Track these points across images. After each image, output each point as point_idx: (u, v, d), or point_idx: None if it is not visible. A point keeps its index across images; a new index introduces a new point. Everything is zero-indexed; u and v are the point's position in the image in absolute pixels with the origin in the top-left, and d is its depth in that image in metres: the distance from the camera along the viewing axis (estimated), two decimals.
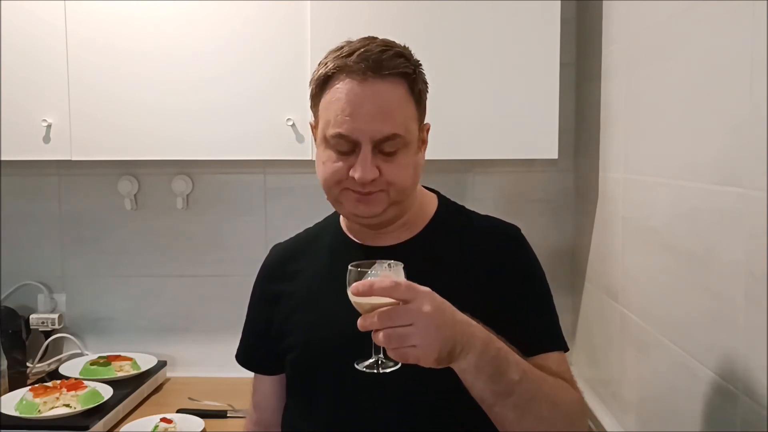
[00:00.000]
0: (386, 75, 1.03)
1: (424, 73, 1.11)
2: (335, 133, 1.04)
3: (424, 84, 1.11)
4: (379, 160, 1.05)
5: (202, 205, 2.18)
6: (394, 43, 1.09)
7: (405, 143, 1.06)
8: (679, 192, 1.25)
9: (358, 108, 1.03)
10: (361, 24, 1.76)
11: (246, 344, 1.29)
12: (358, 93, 1.03)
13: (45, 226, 2.21)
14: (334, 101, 1.04)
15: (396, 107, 1.05)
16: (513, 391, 0.96)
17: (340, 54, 1.05)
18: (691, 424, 1.20)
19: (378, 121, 1.03)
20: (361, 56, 1.03)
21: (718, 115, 1.11)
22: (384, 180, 1.05)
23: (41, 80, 1.84)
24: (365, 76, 1.02)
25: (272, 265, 1.26)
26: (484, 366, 0.94)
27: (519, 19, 1.75)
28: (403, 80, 1.06)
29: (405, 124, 1.05)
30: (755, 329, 0.97)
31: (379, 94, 1.03)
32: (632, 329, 1.53)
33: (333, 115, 1.04)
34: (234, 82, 1.82)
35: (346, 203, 1.09)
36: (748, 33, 1.00)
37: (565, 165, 2.09)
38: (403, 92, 1.06)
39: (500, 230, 1.19)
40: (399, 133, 1.04)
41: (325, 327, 1.13)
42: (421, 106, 1.10)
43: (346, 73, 1.03)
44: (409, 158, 1.07)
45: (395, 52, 1.06)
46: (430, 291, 0.90)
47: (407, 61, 1.07)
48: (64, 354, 2.21)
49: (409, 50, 1.10)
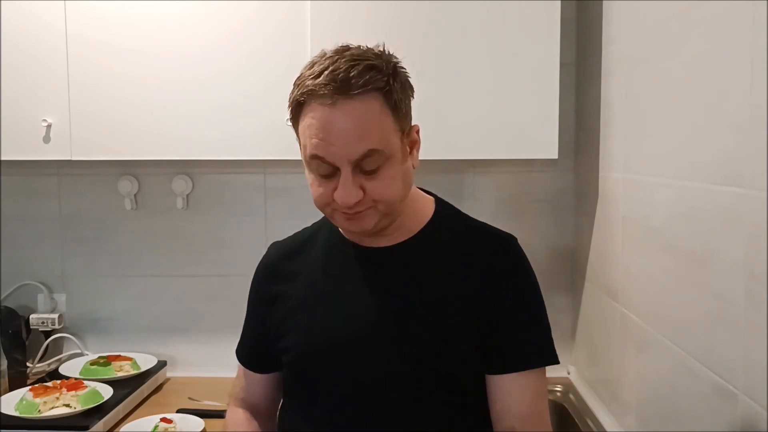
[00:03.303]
0: (356, 94, 1.00)
1: (403, 74, 1.07)
2: (313, 155, 1.03)
3: (402, 92, 1.06)
4: (362, 178, 1.03)
5: (202, 205, 2.18)
6: (365, 55, 1.04)
7: (386, 157, 1.03)
8: (679, 192, 1.25)
9: (330, 132, 1.01)
10: (361, 24, 1.78)
11: (245, 342, 1.30)
12: (329, 117, 1.00)
13: (45, 226, 2.21)
14: (307, 127, 1.03)
15: (370, 124, 1.01)
16: None
17: (311, 74, 1.03)
18: (691, 424, 1.20)
19: (352, 142, 1.00)
20: (328, 77, 1.00)
21: (718, 115, 1.11)
22: (369, 198, 1.04)
23: (41, 80, 1.84)
24: (334, 100, 1.00)
25: (269, 266, 1.26)
26: None
27: (519, 19, 1.75)
28: (377, 93, 1.02)
29: (382, 139, 1.02)
30: (755, 329, 0.97)
31: (350, 114, 1.00)
32: (632, 329, 1.53)
33: (309, 140, 1.03)
34: (234, 82, 1.82)
35: (338, 221, 1.10)
36: (748, 33, 1.00)
37: (565, 165, 2.09)
38: (376, 107, 1.02)
39: (496, 238, 1.17)
40: (376, 149, 1.01)
41: (322, 329, 1.13)
42: (401, 115, 1.06)
43: (316, 99, 1.01)
44: (393, 171, 1.05)
45: (365, 66, 1.01)
46: None
47: (379, 73, 1.02)
48: (64, 354, 2.21)
49: (384, 56, 1.06)
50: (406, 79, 1.08)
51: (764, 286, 0.95)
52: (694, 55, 1.21)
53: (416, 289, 1.11)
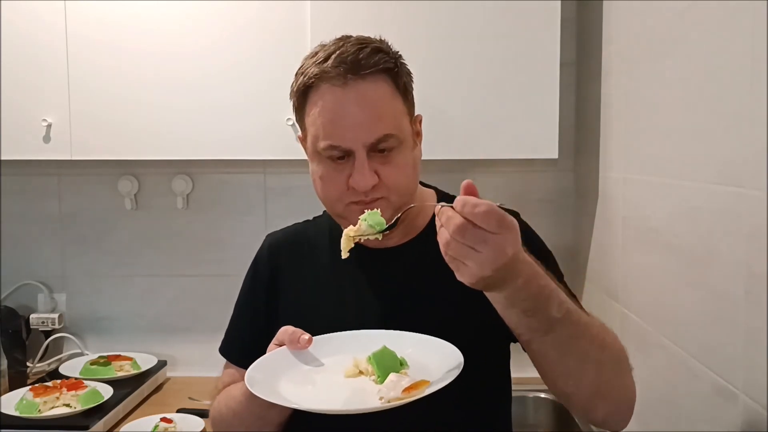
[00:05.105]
0: (367, 74, 0.98)
1: (406, 64, 1.07)
2: (326, 146, 1.00)
3: (408, 76, 1.06)
4: (377, 163, 1.00)
5: (202, 204, 2.18)
6: (369, 39, 1.04)
7: (399, 141, 1.02)
8: (679, 192, 1.25)
9: (344, 115, 0.98)
10: (361, 24, 1.76)
11: (237, 337, 1.21)
12: (341, 99, 0.98)
13: (45, 226, 2.21)
14: (318, 113, 1.00)
15: (383, 106, 1.00)
16: (551, 328, 0.87)
17: (316, 60, 1.00)
18: (691, 424, 1.20)
19: (367, 125, 0.98)
20: (337, 59, 0.98)
21: (718, 115, 1.11)
22: (384, 185, 1.01)
23: (41, 80, 1.84)
24: (345, 80, 0.98)
25: (271, 257, 1.20)
26: (518, 301, 0.85)
27: (519, 19, 1.75)
28: (386, 76, 1.01)
29: (396, 122, 1.01)
30: (755, 329, 0.97)
31: (364, 95, 0.98)
32: (632, 329, 1.53)
33: (320, 127, 1.00)
34: (234, 82, 1.82)
35: (351, 218, 1.02)
36: (748, 33, 1.00)
37: (565, 165, 2.09)
38: (388, 89, 1.01)
39: None
40: (392, 133, 1.00)
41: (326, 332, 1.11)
42: (409, 99, 1.06)
43: (326, 81, 0.99)
44: (406, 157, 1.03)
45: (372, 48, 1.00)
46: (517, 232, 0.80)
47: (387, 56, 1.02)
48: (64, 354, 2.21)
49: (386, 43, 1.06)
50: (407, 67, 1.07)
51: (764, 285, 0.95)
52: (694, 55, 1.21)
53: (424, 289, 1.09)
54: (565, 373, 0.93)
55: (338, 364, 0.98)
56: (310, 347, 0.99)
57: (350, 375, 0.97)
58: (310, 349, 1.00)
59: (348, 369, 0.98)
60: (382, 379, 0.92)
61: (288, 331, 1.00)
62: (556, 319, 0.87)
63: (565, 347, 0.90)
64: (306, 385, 0.96)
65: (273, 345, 1.01)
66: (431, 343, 0.98)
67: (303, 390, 0.94)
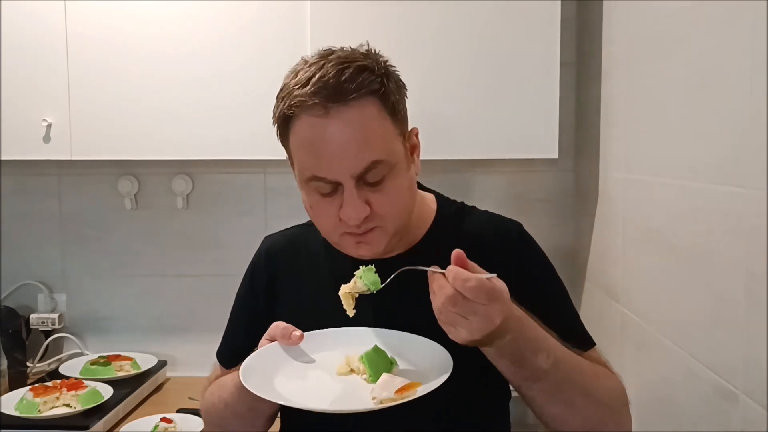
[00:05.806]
0: (350, 99, 0.91)
1: (396, 74, 1.00)
2: (312, 177, 0.95)
3: (397, 91, 0.99)
4: (367, 192, 0.95)
5: (202, 204, 2.18)
6: (352, 56, 0.96)
7: (390, 166, 0.95)
8: (679, 192, 1.25)
9: (327, 147, 0.92)
10: (361, 24, 1.78)
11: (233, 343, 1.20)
12: (324, 129, 0.92)
13: (45, 226, 2.21)
14: (300, 144, 0.95)
15: (370, 131, 0.93)
16: (539, 378, 0.91)
17: (297, 83, 0.94)
18: (691, 424, 1.20)
19: (353, 153, 0.92)
20: (316, 85, 0.91)
21: (718, 114, 1.11)
22: (377, 215, 0.96)
23: (41, 80, 1.84)
24: (327, 109, 0.91)
25: (270, 261, 1.18)
26: (506, 354, 0.89)
27: (519, 19, 1.75)
28: (372, 98, 0.93)
29: (385, 146, 0.95)
30: (755, 329, 0.97)
31: (348, 122, 0.92)
32: (632, 329, 1.53)
33: (304, 158, 0.95)
34: (234, 82, 1.81)
35: (347, 246, 1.02)
36: (748, 33, 1.00)
37: (565, 165, 2.09)
38: (374, 112, 0.94)
39: (503, 229, 1.12)
40: (381, 159, 0.94)
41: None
42: (399, 118, 0.98)
43: (306, 111, 0.93)
44: (399, 181, 0.97)
45: (356, 68, 0.93)
46: (506, 299, 0.84)
47: (371, 74, 0.94)
48: (64, 354, 2.21)
49: (372, 55, 0.98)
50: (398, 78, 1.01)
51: (764, 285, 0.95)
52: (694, 54, 1.21)
53: (421, 299, 1.07)
54: (552, 417, 0.98)
55: (329, 361, 1.00)
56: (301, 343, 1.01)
57: (342, 373, 0.99)
58: (301, 344, 1.01)
59: (340, 366, 0.99)
60: (373, 379, 0.94)
61: (279, 327, 1.00)
62: (543, 369, 0.91)
63: (553, 395, 0.95)
64: (299, 381, 0.97)
65: (264, 340, 1.02)
66: (420, 343, 1.00)
67: (296, 386, 0.95)
